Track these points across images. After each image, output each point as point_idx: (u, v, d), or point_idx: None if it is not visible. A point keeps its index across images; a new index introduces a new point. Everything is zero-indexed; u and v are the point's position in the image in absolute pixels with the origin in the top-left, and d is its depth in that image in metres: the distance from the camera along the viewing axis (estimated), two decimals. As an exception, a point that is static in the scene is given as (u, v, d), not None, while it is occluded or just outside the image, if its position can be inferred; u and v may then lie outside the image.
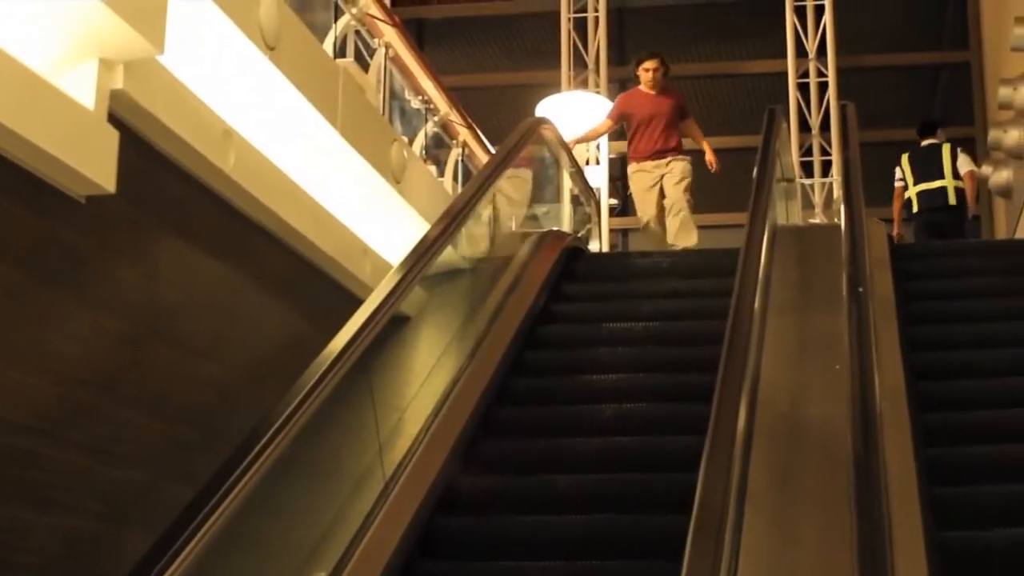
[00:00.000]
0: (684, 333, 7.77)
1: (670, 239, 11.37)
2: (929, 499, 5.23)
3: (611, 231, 16.93)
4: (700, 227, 15.74)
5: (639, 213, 11.84)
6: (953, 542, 5.05)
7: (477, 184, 7.88)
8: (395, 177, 8.32)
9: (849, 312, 5.78)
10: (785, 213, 10.57)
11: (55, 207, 5.27)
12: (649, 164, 11.65)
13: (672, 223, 11.43)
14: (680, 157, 11.66)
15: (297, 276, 7.55)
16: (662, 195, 11.60)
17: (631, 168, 11.87)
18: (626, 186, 19.55)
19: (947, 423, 6.22)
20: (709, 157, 11.96)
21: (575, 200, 11.39)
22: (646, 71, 11.76)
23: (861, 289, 5.95)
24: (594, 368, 7.35)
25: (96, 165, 5.29)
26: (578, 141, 12.30)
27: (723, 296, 5.97)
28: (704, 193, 19.38)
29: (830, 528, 4.88)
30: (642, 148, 11.69)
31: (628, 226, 18.87)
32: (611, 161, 16.90)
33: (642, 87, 11.88)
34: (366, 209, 8.25)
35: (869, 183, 7.88)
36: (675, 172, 11.54)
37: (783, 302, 7.22)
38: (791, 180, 11.30)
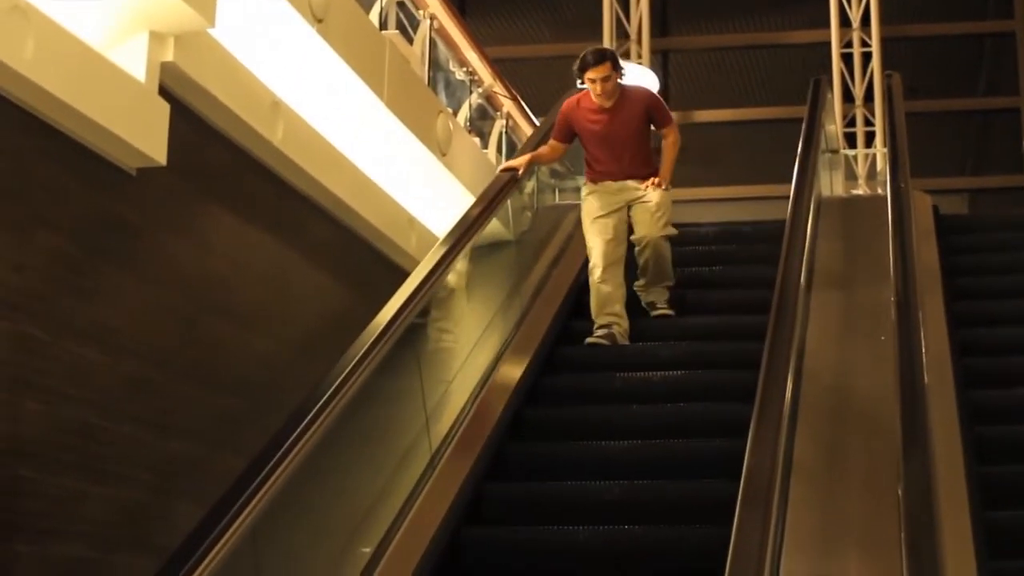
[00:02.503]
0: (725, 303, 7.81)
1: (639, 275, 7.73)
2: (975, 474, 5.24)
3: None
4: (743, 200, 15.52)
5: (590, 255, 7.68)
6: (999, 521, 5.06)
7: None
8: (441, 149, 8.34)
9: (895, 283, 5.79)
10: (829, 184, 10.55)
11: (107, 179, 5.32)
12: (611, 184, 7.70)
13: (642, 263, 7.69)
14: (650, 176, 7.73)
15: (344, 248, 7.59)
16: (627, 229, 7.77)
17: (583, 192, 7.92)
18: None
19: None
20: (659, 177, 7.69)
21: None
22: (592, 82, 7.57)
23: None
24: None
25: (147, 137, 5.34)
26: (533, 158, 7.96)
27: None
28: (747, 164, 19.38)
29: (875, 500, 4.90)
30: (599, 170, 7.74)
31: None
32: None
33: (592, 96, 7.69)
34: (412, 181, 8.28)
35: (914, 154, 7.86)
36: (650, 199, 7.63)
37: (828, 274, 7.22)
38: (835, 151, 11.24)
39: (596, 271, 7.47)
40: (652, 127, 7.84)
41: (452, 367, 6.60)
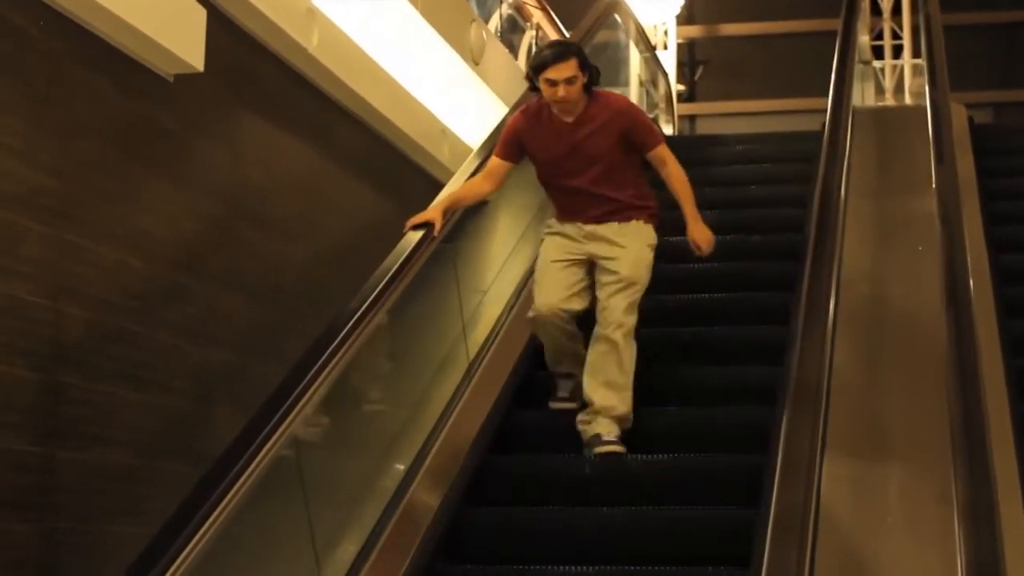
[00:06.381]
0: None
1: (586, 389, 5.37)
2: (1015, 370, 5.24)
3: (679, 117, 16.80)
4: (771, 113, 15.38)
5: (536, 295, 5.55)
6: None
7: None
8: (474, 58, 8.28)
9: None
10: (860, 95, 10.48)
11: (145, 86, 5.29)
12: (573, 228, 5.55)
13: (595, 356, 5.40)
14: (637, 218, 5.53)
15: (378, 157, 7.56)
16: (587, 287, 5.53)
17: (545, 229, 5.74)
18: (694, 70, 19.42)
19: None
20: (692, 233, 5.51)
21: (641, 85, 11.36)
22: (551, 86, 5.29)
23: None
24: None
25: (185, 43, 5.30)
26: (451, 202, 5.49)
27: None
28: (775, 78, 19.24)
29: (919, 406, 4.90)
30: (560, 204, 5.63)
31: (694, 112, 18.71)
32: (679, 47, 16.72)
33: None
34: (445, 90, 8.22)
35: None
36: (622, 261, 5.43)
37: (864, 184, 7.18)
38: (867, 62, 11.17)
39: (535, 312, 5.52)
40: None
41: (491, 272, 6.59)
